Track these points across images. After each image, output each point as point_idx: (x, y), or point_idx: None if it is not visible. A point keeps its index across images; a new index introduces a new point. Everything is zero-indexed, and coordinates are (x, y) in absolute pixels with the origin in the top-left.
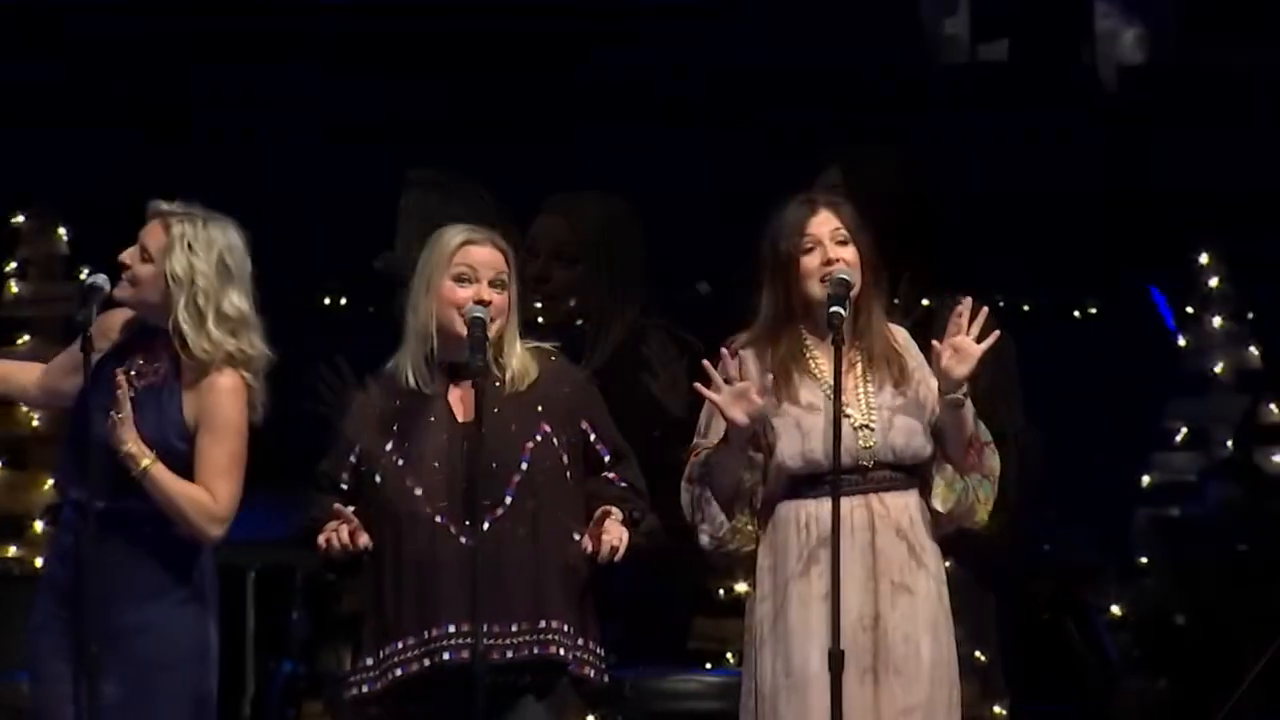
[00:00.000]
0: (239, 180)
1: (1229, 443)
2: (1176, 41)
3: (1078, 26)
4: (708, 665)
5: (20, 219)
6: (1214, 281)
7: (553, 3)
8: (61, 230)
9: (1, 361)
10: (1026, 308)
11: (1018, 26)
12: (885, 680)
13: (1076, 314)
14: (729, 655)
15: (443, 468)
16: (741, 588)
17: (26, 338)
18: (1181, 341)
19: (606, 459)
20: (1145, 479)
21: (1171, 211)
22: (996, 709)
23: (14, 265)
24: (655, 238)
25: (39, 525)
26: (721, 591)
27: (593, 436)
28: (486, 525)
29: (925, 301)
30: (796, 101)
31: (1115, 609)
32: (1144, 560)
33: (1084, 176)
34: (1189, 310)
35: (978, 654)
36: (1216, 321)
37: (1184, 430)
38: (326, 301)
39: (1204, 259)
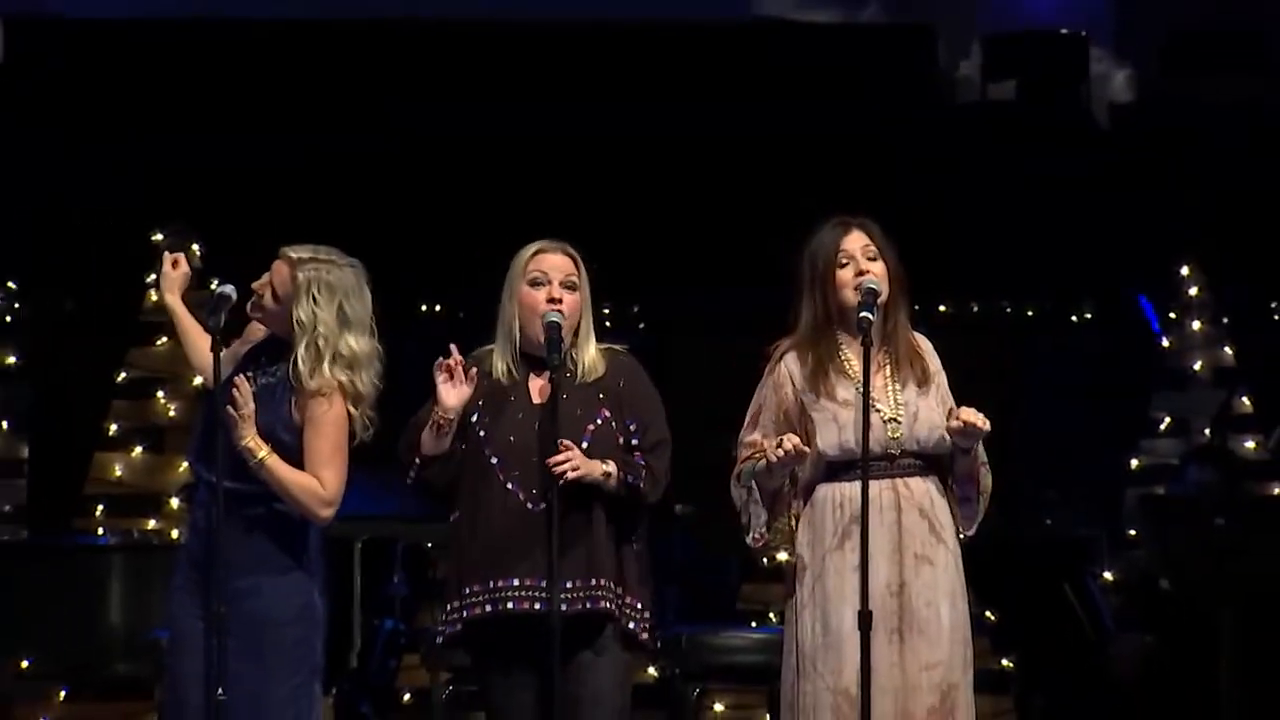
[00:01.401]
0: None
1: (1207, 431)
2: (1159, 76)
3: (1077, 69)
4: (753, 624)
5: (159, 236)
6: (1194, 290)
7: None
8: (195, 246)
9: (195, 326)
10: (1030, 313)
11: (1024, 69)
12: (910, 639)
13: (1074, 319)
14: (772, 615)
15: (517, 443)
16: (783, 557)
17: (164, 339)
18: (1165, 342)
19: (644, 445)
20: (1134, 462)
21: (1157, 228)
22: (1005, 662)
23: (153, 277)
24: None
25: (175, 502)
26: (765, 560)
27: (635, 425)
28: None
29: (942, 308)
30: None
31: (1108, 575)
32: (1133, 533)
33: (1076, 201)
34: (1172, 315)
35: (988, 614)
36: (1196, 325)
37: (1167, 420)
38: (423, 308)
39: (1185, 270)
